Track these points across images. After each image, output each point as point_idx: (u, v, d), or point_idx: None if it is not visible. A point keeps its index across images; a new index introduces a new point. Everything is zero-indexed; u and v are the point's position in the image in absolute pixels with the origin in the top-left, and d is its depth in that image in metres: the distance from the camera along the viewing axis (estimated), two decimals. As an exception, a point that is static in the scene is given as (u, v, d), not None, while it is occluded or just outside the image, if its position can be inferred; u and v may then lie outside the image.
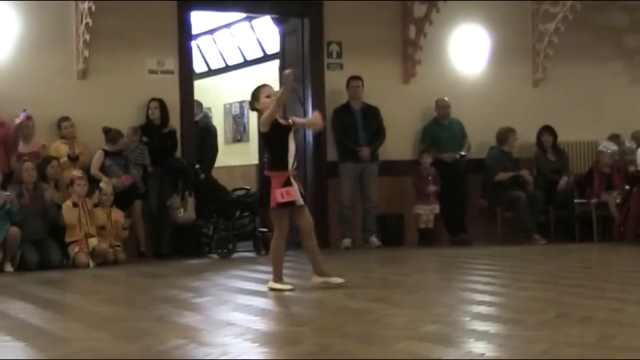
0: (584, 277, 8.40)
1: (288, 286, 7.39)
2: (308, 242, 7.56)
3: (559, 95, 13.42)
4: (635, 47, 14.18)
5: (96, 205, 10.46)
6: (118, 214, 10.64)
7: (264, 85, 7.73)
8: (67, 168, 10.75)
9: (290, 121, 7.53)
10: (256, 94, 7.56)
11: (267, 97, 7.46)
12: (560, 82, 13.43)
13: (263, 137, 7.69)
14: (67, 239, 10.23)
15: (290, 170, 7.38)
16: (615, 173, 12.46)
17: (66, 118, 10.89)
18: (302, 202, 7.40)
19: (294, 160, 7.41)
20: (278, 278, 7.48)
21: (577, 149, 13.57)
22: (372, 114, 12.06)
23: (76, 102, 11.09)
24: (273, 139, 7.44)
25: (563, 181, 12.73)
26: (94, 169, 10.83)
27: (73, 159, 10.83)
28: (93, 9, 10.76)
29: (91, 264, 10.10)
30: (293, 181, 7.36)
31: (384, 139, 12.14)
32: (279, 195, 7.30)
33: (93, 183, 10.61)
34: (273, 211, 7.44)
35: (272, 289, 7.38)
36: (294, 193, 7.32)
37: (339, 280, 7.48)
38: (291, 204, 7.36)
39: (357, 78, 12.11)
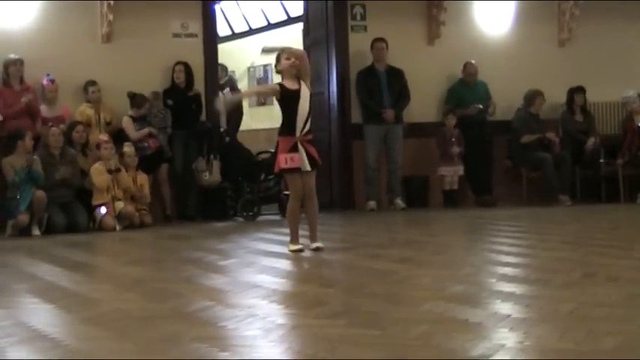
0: (610, 237, 8.36)
1: (298, 246, 7.45)
2: (308, 205, 7.61)
3: (585, 55, 13.28)
4: (663, 5, 13.99)
5: (118, 169, 10.44)
6: (143, 178, 10.68)
7: (286, 48, 7.80)
8: (94, 132, 10.79)
9: (300, 87, 7.46)
10: (278, 56, 7.63)
11: (287, 59, 7.50)
12: (587, 41, 13.28)
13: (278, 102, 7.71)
14: (94, 202, 10.28)
15: (298, 136, 7.40)
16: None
17: (93, 83, 10.91)
18: (308, 169, 7.41)
19: (304, 126, 7.42)
20: (292, 239, 7.55)
21: (604, 110, 13.45)
22: (396, 76, 12.00)
23: (100, 66, 11.10)
24: (282, 104, 7.50)
25: (591, 141, 12.64)
26: (134, 134, 10.87)
27: (100, 125, 10.86)
28: (116, -27, 10.76)
29: (118, 227, 10.16)
30: (300, 146, 7.38)
31: (408, 101, 12.08)
32: (282, 160, 7.41)
33: (118, 146, 10.63)
34: (287, 174, 7.54)
35: (291, 251, 7.44)
36: (298, 159, 7.36)
37: (319, 245, 7.52)
38: (294, 170, 7.39)
39: (381, 40, 12.04)
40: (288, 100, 7.43)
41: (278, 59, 7.62)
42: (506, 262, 6.49)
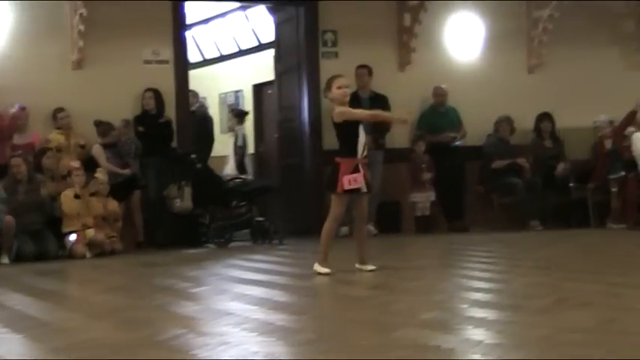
0: (582, 262, 8.40)
1: (326, 270, 7.53)
2: (359, 229, 7.82)
3: (554, 81, 13.41)
4: (631, 32, 14.18)
5: (93, 194, 10.43)
6: (113, 205, 10.62)
7: (338, 76, 7.90)
8: (64, 159, 10.73)
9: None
10: (330, 82, 7.79)
11: (339, 88, 7.65)
12: (556, 68, 13.42)
13: (335, 126, 7.82)
14: (64, 229, 10.21)
15: (359, 158, 7.59)
16: (621, 145, 12.35)
17: (61, 109, 10.87)
18: (365, 190, 7.61)
19: (364, 149, 7.64)
20: (322, 260, 7.62)
21: (573, 135, 13.56)
22: (379, 102, 11.93)
23: (71, 92, 11.07)
24: (345, 128, 7.66)
25: (561, 167, 12.75)
26: (105, 164, 10.83)
27: (70, 152, 10.81)
28: (87, -1, 10.74)
29: (88, 254, 10.09)
30: (361, 168, 7.58)
31: (389, 127, 12.08)
32: (346, 182, 7.55)
33: (89, 173, 10.58)
34: (336, 196, 7.67)
35: (316, 272, 7.55)
36: (361, 180, 7.55)
37: (372, 267, 7.68)
38: (356, 190, 7.58)
39: (364, 66, 12.06)
40: (349, 123, 7.60)
41: (329, 86, 7.73)
42: (478, 288, 6.49)
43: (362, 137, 7.64)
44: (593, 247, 10.23)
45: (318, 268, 7.58)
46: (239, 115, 14.39)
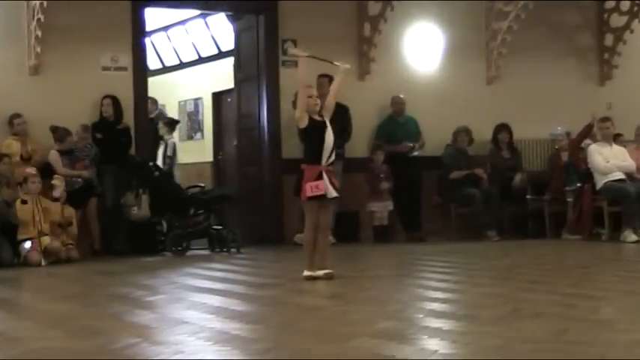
0: (537, 273, 8.46)
1: (312, 273, 7.68)
2: (321, 236, 7.81)
3: (512, 93, 13.54)
4: (587, 46, 14.37)
5: (56, 200, 10.34)
6: (70, 212, 10.54)
7: (307, 86, 8.06)
8: (20, 165, 10.62)
9: (323, 117, 7.82)
10: (297, 92, 7.96)
11: (309, 97, 7.77)
12: (514, 79, 13.55)
13: (300, 133, 7.93)
14: (19, 237, 10.11)
15: (323, 165, 7.64)
16: (576, 157, 12.47)
17: (18, 115, 10.77)
18: (333, 195, 7.69)
19: (330, 155, 7.68)
20: (309, 266, 7.75)
21: (531, 146, 13.70)
22: (340, 112, 11.90)
23: (28, 98, 10.97)
24: (308, 134, 7.75)
25: (518, 177, 12.86)
26: (61, 169, 10.74)
27: (26, 159, 10.72)
28: (45, 5, 10.64)
29: (43, 262, 9.99)
30: (325, 175, 7.61)
31: (349, 137, 12.08)
32: (309, 189, 7.62)
33: (45, 180, 10.49)
34: (304, 204, 7.78)
35: (305, 277, 7.68)
36: (323, 187, 7.60)
37: (328, 271, 7.76)
38: (320, 197, 7.62)
39: (324, 76, 11.99)
40: (314, 130, 7.69)
41: (296, 95, 7.89)
42: (434, 298, 6.52)
43: (328, 143, 7.69)
44: (549, 257, 10.31)
45: (305, 272, 7.76)
46: (170, 124, 14.31)
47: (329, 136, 7.71)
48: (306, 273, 7.76)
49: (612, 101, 13.96)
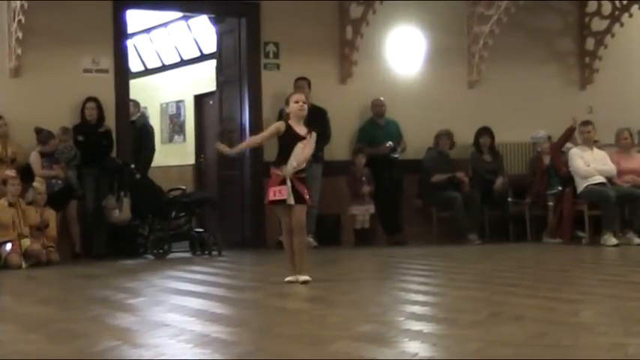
0: (518, 276, 8.49)
1: (299, 278, 7.67)
2: (294, 240, 7.79)
3: (494, 97, 13.59)
4: (568, 49, 14.43)
5: (30, 204, 10.31)
6: (50, 214, 10.50)
7: (295, 92, 8.29)
8: (0, 167, 10.58)
9: (307, 134, 7.77)
10: (288, 98, 7.92)
11: (296, 102, 7.75)
12: (495, 83, 13.60)
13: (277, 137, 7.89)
14: (-1, 239, 10.07)
15: (289, 171, 7.63)
16: (558, 161, 12.51)
17: (-1, 117, 10.74)
18: (292, 202, 7.64)
19: (300, 164, 7.67)
20: (291, 270, 7.75)
21: (512, 150, 13.75)
22: (318, 115, 11.91)
23: (8, 100, 10.94)
24: (283, 140, 7.75)
25: (499, 181, 12.90)
26: (39, 171, 10.70)
27: (9, 161, 10.67)
28: (25, 6, 10.61)
29: (24, 265, 9.95)
30: (289, 181, 7.61)
31: (328, 140, 12.06)
32: (271, 193, 7.70)
33: (25, 183, 10.44)
34: (274, 208, 7.90)
35: (287, 281, 7.71)
36: (285, 192, 7.59)
37: (305, 278, 7.72)
38: (281, 202, 7.64)
39: (303, 79, 12.04)
40: (288, 138, 7.69)
41: (287, 102, 7.85)
42: (415, 301, 6.53)
43: (297, 153, 7.66)
44: (529, 261, 10.35)
45: (287, 278, 7.75)
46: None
47: (298, 149, 7.66)
48: (288, 278, 7.75)
49: (593, 105, 14.03)
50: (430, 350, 4.59)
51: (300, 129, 7.77)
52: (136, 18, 14.44)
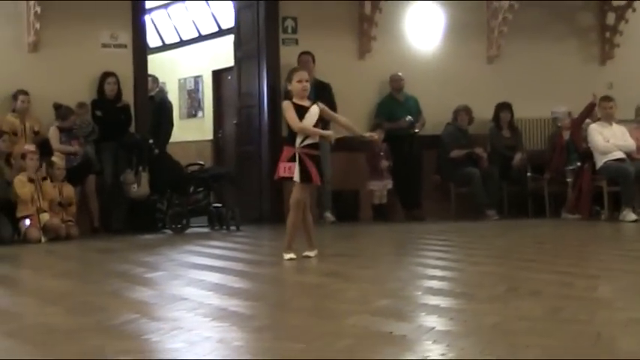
0: (535, 252, 8.49)
1: (290, 255, 7.63)
2: (289, 216, 7.79)
3: (513, 72, 13.50)
4: (588, 25, 14.31)
5: (44, 178, 10.34)
6: (69, 189, 10.54)
7: (299, 69, 8.16)
8: (19, 142, 10.62)
9: (311, 105, 7.71)
10: (290, 75, 7.85)
11: (299, 82, 7.67)
12: (514, 59, 13.51)
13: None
14: (19, 214, 10.12)
15: (297, 147, 7.58)
16: (578, 137, 12.45)
17: (24, 92, 10.74)
18: (296, 180, 7.61)
19: (304, 139, 7.58)
20: (286, 247, 7.71)
21: (531, 126, 13.68)
22: (323, 90, 11.87)
23: (26, 75, 10.96)
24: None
25: (518, 157, 12.85)
26: (57, 145, 10.74)
27: (36, 133, 10.71)
28: (44, -19, 10.63)
29: (43, 239, 10.01)
30: (298, 158, 7.56)
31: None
32: (281, 169, 7.69)
33: (42, 157, 10.48)
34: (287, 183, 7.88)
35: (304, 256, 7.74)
36: (294, 169, 7.56)
37: (308, 253, 7.74)
38: (291, 179, 7.65)
39: (307, 53, 12.00)
40: (297, 113, 7.63)
41: (290, 79, 7.78)
42: (432, 276, 6.54)
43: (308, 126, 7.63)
44: (547, 237, 10.33)
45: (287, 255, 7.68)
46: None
47: (306, 121, 7.63)
48: (305, 253, 7.73)
49: (613, 81, 13.92)
50: (447, 324, 4.60)
51: (304, 102, 7.74)
52: (154, -7, 14.44)
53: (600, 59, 14.32)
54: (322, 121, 7.92)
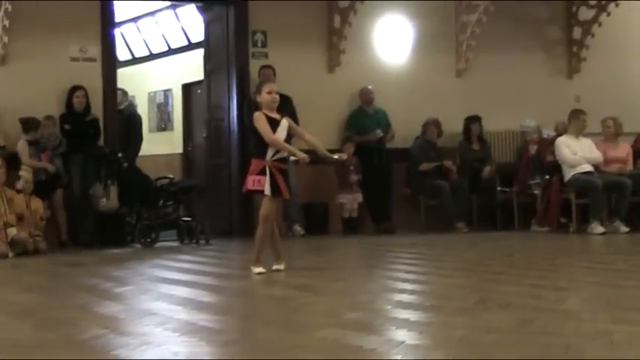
0: (504, 264, 8.52)
1: (259, 269, 7.62)
2: (258, 229, 7.78)
3: (481, 85, 13.60)
4: (555, 38, 14.45)
5: (19, 192, 10.27)
6: (37, 203, 10.47)
7: (267, 81, 8.41)
8: (-14, 156, 10.55)
9: (281, 119, 7.70)
10: (260, 86, 7.88)
11: (268, 93, 7.68)
12: (483, 72, 13.61)
13: (253, 126, 7.77)
14: (-15, 229, 10.03)
15: (268, 160, 7.55)
16: (543, 152, 12.58)
17: (-8, 105, 10.69)
18: (268, 193, 7.55)
19: (276, 152, 7.57)
20: (255, 261, 7.68)
21: (499, 138, 13.77)
22: (284, 102, 11.76)
23: (-5, 88, 10.88)
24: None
25: (487, 169, 12.91)
26: (27, 160, 10.66)
27: (2, 147, 10.63)
28: (12, -6, 10.57)
29: (10, 254, 9.92)
30: (269, 171, 7.53)
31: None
32: (250, 182, 7.63)
33: (12, 171, 10.40)
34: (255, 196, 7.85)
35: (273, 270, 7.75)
36: (264, 182, 7.53)
37: (276, 267, 7.75)
38: (260, 192, 7.60)
39: (268, 67, 11.97)
40: (269, 126, 7.59)
41: (259, 90, 7.77)
42: (402, 289, 6.54)
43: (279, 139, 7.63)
44: (516, 249, 10.38)
45: (257, 269, 7.62)
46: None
47: (278, 134, 7.64)
48: (255, 269, 7.63)
49: (580, 94, 14.05)
50: (417, 338, 4.60)
51: (275, 115, 7.74)
52: (123, 7, 14.39)
53: (567, 73, 14.47)
54: (287, 136, 7.89)
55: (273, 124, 7.63)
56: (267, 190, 7.57)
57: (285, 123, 7.72)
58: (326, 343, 4.53)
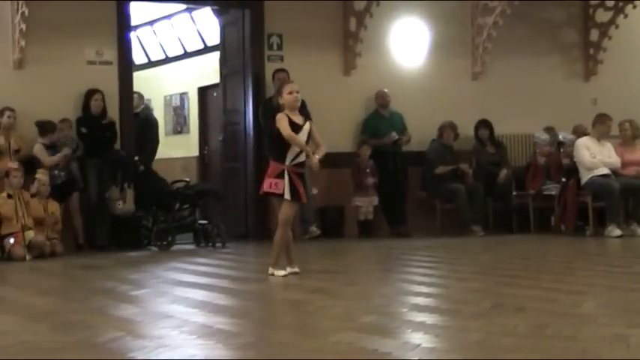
0: (520, 268, 8.50)
1: (282, 272, 7.67)
2: (277, 232, 7.80)
3: (497, 88, 13.57)
4: (571, 42, 14.40)
5: (33, 196, 10.32)
6: (54, 206, 10.51)
7: (289, 82, 8.15)
8: (4, 159, 10.58)
9: (304, 123, 7.72)
10: (280, 88, 7.89)
11: (290, 93, 7.69)
12: (499, 75, 13.58)
13: (275, 128, 7.76)
14: (3, 232, 10.07)
15: (287, 165, 7.56)
16: (552, 164, 12.62)
17: (10, 109, 10.71)
18: (288, 197, 7.57)
19: (296, 157, 7.59)
20: (273, 264, 7.72)
21: (515, 142, 13.74)
22: (300, 107, 11.76)
23: (11, 92, 10.92)
24: (280, 133, 7.62)
25: (503, 173, 12.87)
26: (47, 159, 10.70)
27: (13, 153, 10.67)
28: (29, -2, 10.62)
29: (28, 257, 9.96)
30: (287, 175, 7.54)
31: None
32: (267, 184, 7.64)
33: (28, 175, 10.45)
34: (273, 199, 7.78)
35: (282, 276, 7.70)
36: (281, 186, 7.53)
37: (289, 271, 7.73)
38: (278, 196, 7.60)
39: (282, 70, 11.96)
40: (292, 130, 7.59)
41: (280, 92, 7.78)
42: (418, 292, 6.54)
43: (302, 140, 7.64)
44: (532, 252, 10.35)
45: (279, 272, 7.65)
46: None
47: (300, 137, 7.64)
48: (279, 272, 7.67)
49: (597, 97, 14.01)
50: (432, 341, 4.60)
51: (298, 118, 7.74)
52: (139, 10, 14.44)
53: (584, 76, 14.42)
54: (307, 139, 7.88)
55: (296, 128, 7.63)
56: (287, 195, 7.57)
57: (307, 126, 7.73)
58: (341, 346, 4.54)
